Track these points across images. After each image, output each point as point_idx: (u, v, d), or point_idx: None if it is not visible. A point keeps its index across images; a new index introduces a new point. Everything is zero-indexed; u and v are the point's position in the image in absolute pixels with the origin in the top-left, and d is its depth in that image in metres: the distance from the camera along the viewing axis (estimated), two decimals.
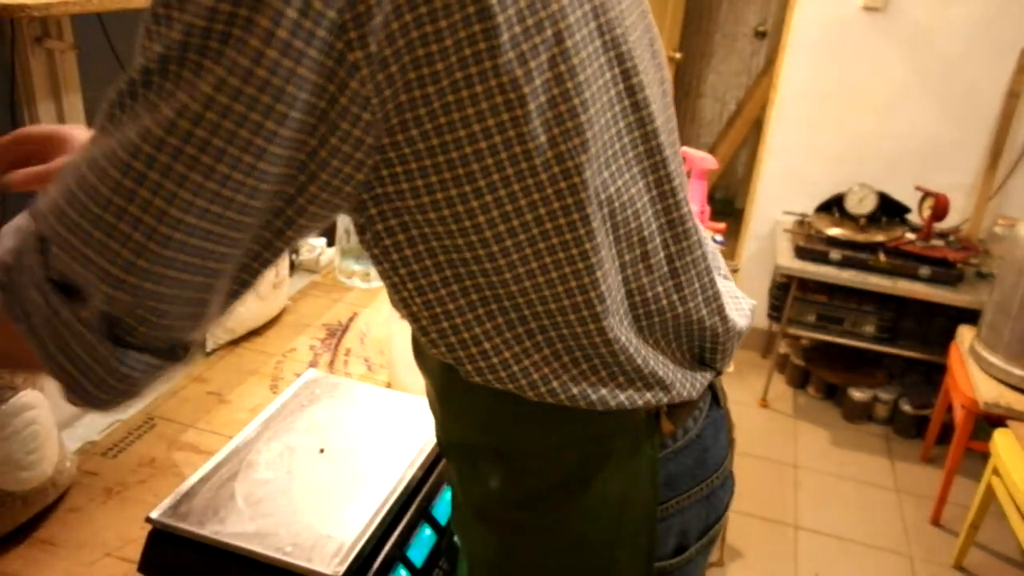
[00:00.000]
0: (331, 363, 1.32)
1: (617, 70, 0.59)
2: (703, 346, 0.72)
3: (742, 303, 0.78)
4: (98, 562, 0.89)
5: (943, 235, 2.64)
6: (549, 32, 0.53)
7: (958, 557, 2.19)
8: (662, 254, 0.65)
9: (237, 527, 0.80)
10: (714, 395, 0.76)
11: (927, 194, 2.59)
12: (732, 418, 0.82)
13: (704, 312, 0.69)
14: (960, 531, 2.19)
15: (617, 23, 0.59)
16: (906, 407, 2.74)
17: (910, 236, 2.62)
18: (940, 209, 2.54)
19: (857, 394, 2.80)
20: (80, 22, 1.29)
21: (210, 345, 1.33)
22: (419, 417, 1.00)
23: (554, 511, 0.69)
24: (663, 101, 0.67)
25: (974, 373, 2.24)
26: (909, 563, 2.21)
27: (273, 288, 1.39)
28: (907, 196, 2.67)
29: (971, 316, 2.45)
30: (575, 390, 0.64)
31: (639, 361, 0.65)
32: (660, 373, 0.67)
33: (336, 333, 1.41)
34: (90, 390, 0.54)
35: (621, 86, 0.60)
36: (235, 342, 1.36)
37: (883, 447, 2.71)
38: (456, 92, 0.51)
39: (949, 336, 2.51)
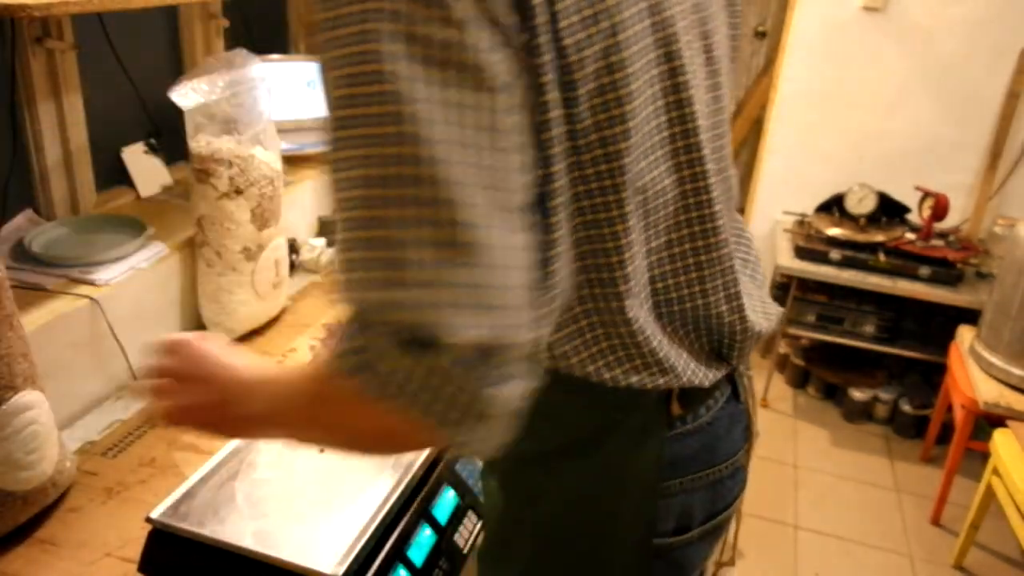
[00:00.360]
0: None
1: (665, 67, 0.61)
2: (720, 341, 0.74)
3: (769, 308, 0.80)
4: (98, 562, 0.89)
5: (943, 235, 2.64)
6: (605, 24, 0.56)
7: (958, 557, 2.19)
8: (688, 247, 0.68)
9: (237, 527, 0.80)
10: (735, 391, 0.79)
11: (927, 194, 2.59)
12: (754, 417, 0.84)
13: (724, 308, 0.72)
14: (960, 531, 2.19)
15: (669, 23, 0.61)
16: (906, 407, 2.73)
17: (910, 236, 2.62)
18: (940, 209, 2.54)
19: (857, 394, 2.80)
20: (80, 22, 1.29)
21: None
22: None
23: (560, 472, 0.73)
24: (712, 106, 0.69)
25: (974, 373, 2.24)
26: (909, 563, 2.21)
27: (273, 288, 1.39)
28: (907, 196, 2.67)
29: (971, 316, 2.45)
30: (591, 368, 0.67)
31: (655, 344, 0.67)
32: (673, 360, 0.69)
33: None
34: (476, 435, 0.53)
35: (667, 83, 0.62)
36: (235, 342, 1.36)
37: (883, 447, 2.71)
38: (540, 78, 0.53)
39: (949, 336, 2.51)
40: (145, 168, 1.51)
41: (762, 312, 0.78)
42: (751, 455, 0.87)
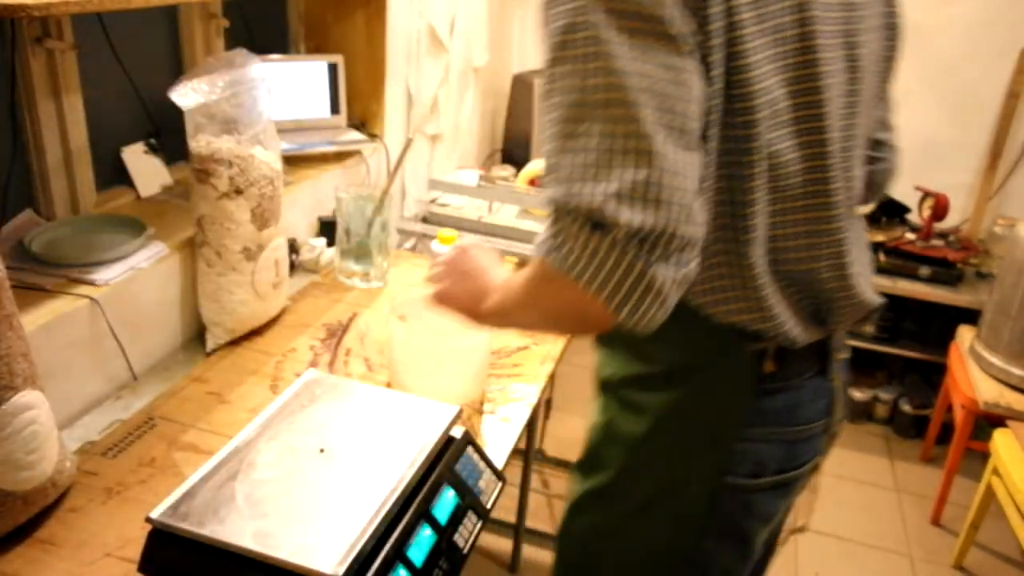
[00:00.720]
0: (331, 363, 1.32)
1: (801, 59, 0.72)
2: (820, 305, 0.84)
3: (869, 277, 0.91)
4: (98, 562, 0.89)
5: (943, 235, 2.64)
6: (761, 11, 0.68)
7: (958, 557, 2.19)
8: (802, 216, 0.79)
9: (237, 527, 0.80)
10: (824, 368, 0.89)
11: (927, 194, 2.59)
12: (839, 399, 0.93)
13: (827, 275, 0.82)
14: (960, 531, 2.19)
15: (809, 22, 0.72)
16: (906, 407, 2.73)
17: (910, 236, 2.62)
18: (940, 209, 2.54)
19: (857, 394, 2.80)
20: (80, 22, 1.29)
21: (210, 345, 1.33)
22: (419, 417, 1.00)
23: (659, 393, 0.86)
24: (847, 109, 0.79)
25: (974, 373, 2.24)
26: (909, 563, 2.21)
27: (273, 288, 1.39)
28: (907, 196, 2.67)
29: (971, 316, 2.45)
30: (704, 299, 0.80)
31: (765, 292, 0.78)
32: (777, 309, 0.80)
33: (336, 333, 1.41)
34: (637, 306, 0.65)
35: (800, 72, 0.73)
36: (235, 342, 1.36)
37: (883, 447, 2.71)
38: (709, 40, 0.66)
39: (949, 336, 2.51)
40: (145, 168, 1.51)
41: (871, 289, 0.89)
42: (835, 438, 0.97)
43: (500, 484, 1.04)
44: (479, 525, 0.97)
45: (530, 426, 1.77)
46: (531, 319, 0.81)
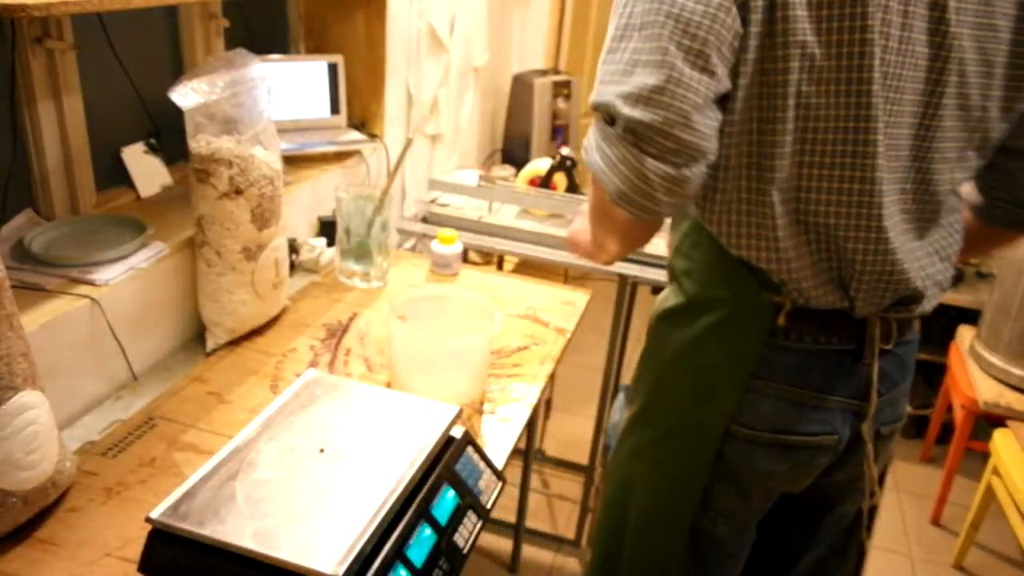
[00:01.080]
0: (331, 363, 1.32)
1: (849, 34, 0.78)
2: (843, 268, 0.87)
3: (929, 269, 0.91)
4: (98, 562, 0.89)
5: None
6: None
7: (958, 557, 2.19)
8: (836, 172, 0.83)
9: (237, 527, 0.80)
10: (859, 349, 0.91)
11: None
12: (874, 390, 0.93)
13: (851, 234, 0.85)
14: (960, 531, 2.19)
15: (864, 3, 0.77)
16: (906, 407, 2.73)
17: None
18: None
19: None
20: (80, 22, 1.29)
21: (210, 345, 1.33)
22: (419, 417, 1.00)
23: (680, 328, 0.95)
24: (924, 98, 0.84)
25: (974, 373, 2.24)
26: (909, 563, 2.21)
27: (273, 288, 1.39)
28: None
29: (971, 316, 2.45)
30: (724, 229, 0.87)
31: (781, 234, 0.84)
32: (792, 254, 0.85)
33: (336, 333, 1.41)
34: (627, 193, 0.77)
35: (847, 37, 0.78)
36: (235, 342, 1.36)
37: None
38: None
39: (949, 336, 2.51)
40: (145, 168, 1.51)
41: (917, 266, 0.89)
42: (885, 440, 1.05)
43: (500, 484, 1.04)
44: (479, 525, 0.97)
45: (530, 426, 1.77)
46: (599, 233, 0.91)
